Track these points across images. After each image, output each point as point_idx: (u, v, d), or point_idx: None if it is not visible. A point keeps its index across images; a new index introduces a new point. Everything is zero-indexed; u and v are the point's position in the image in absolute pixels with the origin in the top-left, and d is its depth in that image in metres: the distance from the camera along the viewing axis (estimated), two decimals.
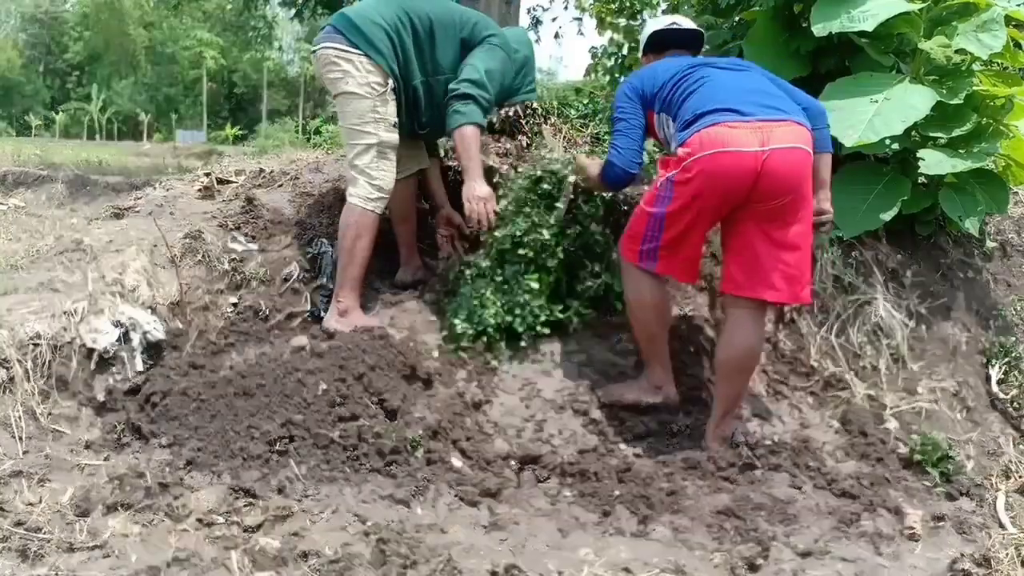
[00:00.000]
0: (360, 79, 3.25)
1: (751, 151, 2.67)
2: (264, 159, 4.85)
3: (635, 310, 3.02)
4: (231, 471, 2.62)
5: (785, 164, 2.70)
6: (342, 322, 3.27)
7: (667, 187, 2.81)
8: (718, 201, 2.78)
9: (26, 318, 2.98)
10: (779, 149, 2.67)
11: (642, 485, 2.72)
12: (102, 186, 10.53)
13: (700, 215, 2.82)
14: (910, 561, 2.45)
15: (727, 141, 2.69)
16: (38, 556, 2.09)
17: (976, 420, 3.34)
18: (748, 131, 2.69)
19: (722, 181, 2.72)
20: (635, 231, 2.95)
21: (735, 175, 2.70)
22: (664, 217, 2.83)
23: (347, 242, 3.29)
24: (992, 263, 3.96)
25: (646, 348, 3.07)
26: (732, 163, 2.68)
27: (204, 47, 43.28)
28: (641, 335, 3.06)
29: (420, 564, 2.18)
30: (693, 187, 2.75)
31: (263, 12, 14.72)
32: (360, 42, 3.24)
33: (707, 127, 2.73)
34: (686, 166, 2.74)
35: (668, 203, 2.82)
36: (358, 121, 3.29)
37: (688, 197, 2.77)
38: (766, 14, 3.85)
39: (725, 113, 2.74)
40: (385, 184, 3.31)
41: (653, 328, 3.02)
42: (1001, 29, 3.31)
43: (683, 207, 2.80)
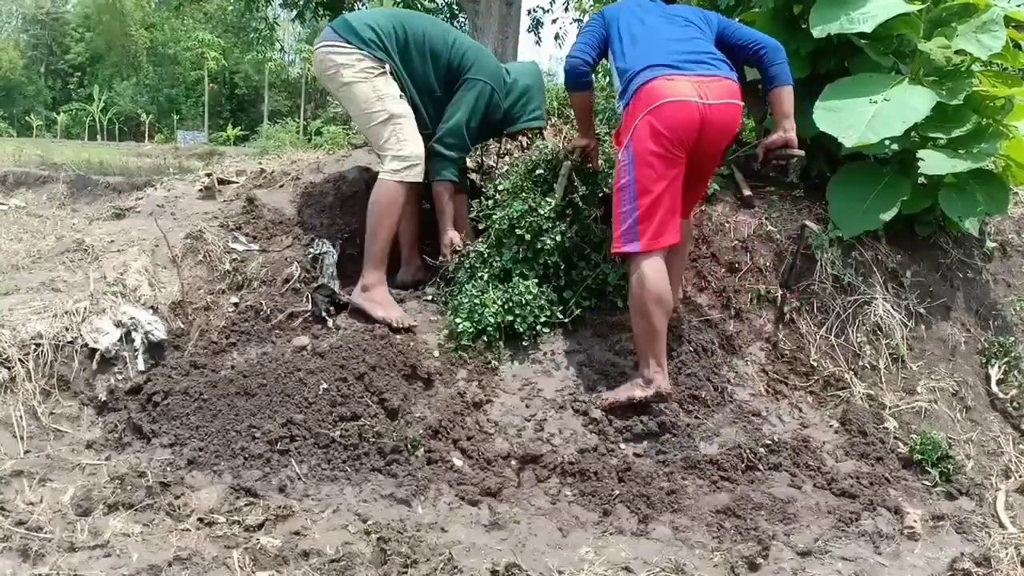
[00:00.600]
0: (354, 68, 3.37)
1: (694, 101, 2.86)
2: (265, 160, 4.86)
3: (636, 302, 2.99)
4: (232, 470, 2.62)
5: (723, 118, 2.92)
6: (363, 297, 3.37)
7: (627, 153, 2.94)
8: (674, 148, 2.89)
9: (28, 318, 2.99)
10: (717, 104, 2.89)
11: (642, 484, 2.73)
12: (103, 186, 10.53)
13: (665, 165, 2.90)
14: (910, 560, 2.46)
15: (669, 92, 2.87)
16: (39, 556, 2.10)
17: (976, 420, 3.34)
18: (686, 83, 2.88)
19: (674, 126, 2.86)
20: (616, 214, 3.03)
21: (684, 120, 2.86)
22: (634, 181, 2.92)
23: (374, 220, 3.40)
24: (992, 263, 3.97)
25: (643, 341, 3.01)
26: (678, 110, 2.86)
27: (205, 48, 43.25)
28: (638, 329, 3.01)
29: (420, 563, 2.19)
30: (649, 141, 2.87)
31: (264, 13, 14.72)
32: (352, 38, 3.37)
33: (646, 83, 2.90)
34: (636, 127, 2.89)
35: (632, 168, 2.92)
36: (364, 105, 3.39)
37: (647, 153, 2.88)
38: (765, 15, 3.86)
39: (661, 68, 2.92)
40: (410, 152, 3.39)
41: (654, 320, 2.97)
42: (1001, 30, 3.31)
43: (646, 164, 2.89)
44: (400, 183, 3.39)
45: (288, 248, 3.69)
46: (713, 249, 3.69)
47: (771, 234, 3.73)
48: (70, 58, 54.27)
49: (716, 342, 3.40)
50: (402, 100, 3.42)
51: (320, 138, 6.35)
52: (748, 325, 3.50)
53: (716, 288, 3.58)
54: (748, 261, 3.64)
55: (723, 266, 3.65)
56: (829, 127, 3.28)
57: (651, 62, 2.94)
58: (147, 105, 49.06)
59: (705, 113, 2.86)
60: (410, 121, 3.42)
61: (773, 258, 3.67)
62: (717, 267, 3.64)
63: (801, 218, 3.71)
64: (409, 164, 3.40)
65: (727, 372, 3.32)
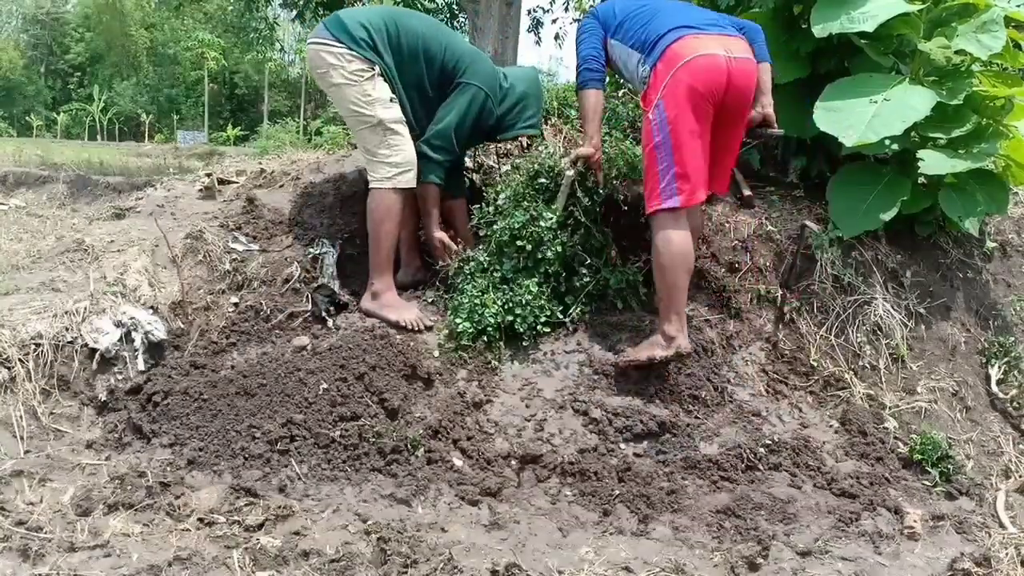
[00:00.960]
0: (344, 70, 3.34)
1: (721, 54, 2.96)
2: (265, 160, 4.86)
3: (663, 258, 3.06)
4: (232, 470, 2.63)
5: (745, 72, 3.04)
6: (374, 304, 3.40)
7: (658, 112, 2.99)
8: (706, 101, 2.97)
9: (28, 318, 2.99)
10: (739, 58, 3.01)
11: (642, 484, 2.73)
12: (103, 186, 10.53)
13: (697, 119, 2.97)
14: (910, 560, 2.46)
15: (697, 47, 2.96)
16: (39, 556, 2.10)
17: (976, 420, 3.34)
18: (711, 39, 2.99)
19: (704, 80, 2.94)
20: (651, 174, 3.07)
21: (713, 74, 2.95)
22: (668, 137, 2.97)
23: (373, 227, 3.41)
24: (992, 263, 3.97)
25: (667, 299, 3.08)
26: (708, 64, 2.95)
27: (206, 48, 43.25)
28: (664, 285, 3.08)
29: (420, 563, 2.19)
30: (681, 96, 2.94)
31: (264, 13, 14.72)
32: (342, 36, 3.34)
33: (673, 42, 2.99)
34: (666, 85, 2.95)
35: (666, 125, 2.97)
36: (353, 108, 3.37)
37: (680, 108, 2.94)
38: (765, 15, 3.86)
39: (684, 29, 3.02)
40: (401, 159, 3.38)
41: (678, 276, 3.06)
42: (1001, 30, 3.31)
43: (680, 120, 2.95)
44: (393, 189, 3.38)
45: (288, 248, 3.69)
46: (713, 249, 3.69)
47: (771, 234, 3.73)
48: (70, 58, 54.27)
49: (716, 342, 3.40)
50: (393, 104, 3.39)
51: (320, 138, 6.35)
52: (748, 325, 3.49)
53: (716, 288, 3.58)
54: (748, 261, 3.64)
55: (723, 266, 3.65)
56: (829, 127, 3.28)
57: (674, 25, 3.04)
58: (147, 105, 49.04)
59: (731, 67, 2.97)
60: (401, 126, 3.40)
61: (773, 258, 3.67)
62: (717, 267, 3.64)
63: (801, 218, 3.71)
64: (401, 170, 3.38)
65: (727, 372, 3.32)
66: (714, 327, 3.45)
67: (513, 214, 3.33)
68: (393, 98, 3.39)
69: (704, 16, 3.20)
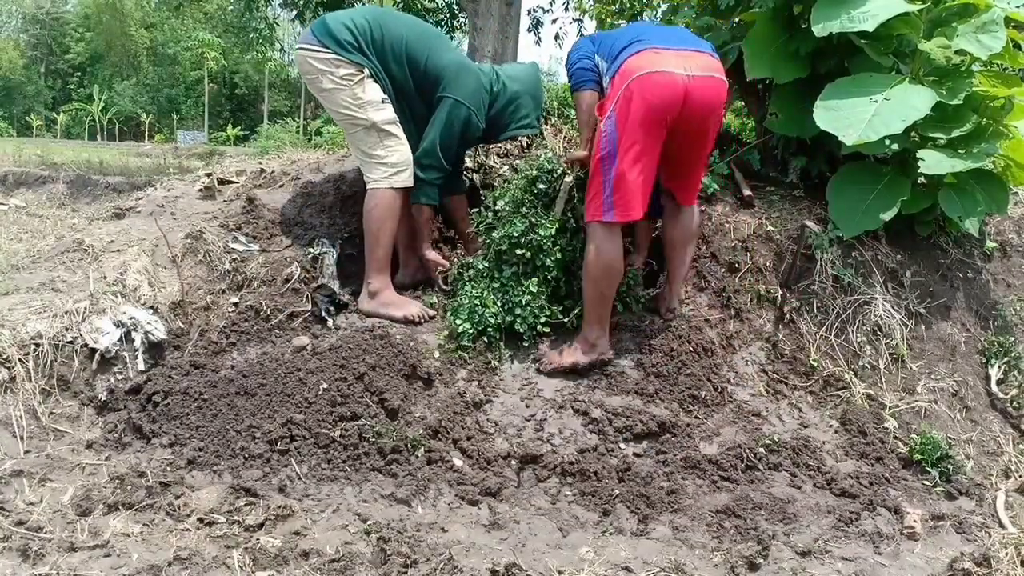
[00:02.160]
0: (332, 75, 3.34)
1: (679, 73, 2.94)
2: (265, 160, 4.86)
3: (592, 268, 3.12)
4: (232, 470, 2.62)
5: (706, 90, 3.00)
6: (375, 303, 3.41)
7: (609, 123, 3.00)
8: (657, 118, 2.96)
9: (28, 318, 2.99)
10: (700, 76, 2.98)
11: (642, 484, 2.73)
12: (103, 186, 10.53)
13: (645, 135, 2.97)
14: (910, 560, 2.46)
15: (655, 63, 2.95)
16: (39, 555, 2.10)
17: (975, 420, 3.34)
18: (672, 56, 2.98)
19: (657, 96, 2.93)
20: (594, 183, 3.09)
21: (668, 92, 2.93)
22: (615, 151, 2.98)
23: (371, 226, 3.41)
24: (992, 263, 3.97)
25: (593, 307, 3.17)
26: (664, 81, 2.93)
27: (206, 48, 43.26)
28: (591, 293, 3.16)
29: (420, 563, 2.19)
30: (633, 110, 2.93)
31: (264, 13, 14.70)
32: (327, 40, 3.33)
33: (634, 54, 2.99)
34: (620, 96, 2.96)
35: (615, 138, 2.98)
36: (345, 112, 3.38)
37: (630, 122, 2.94)
38: (765, 15, 3.86)
39: (648, 42, 3.03)
40: (396, 159, 3.38)
41: (604, 286, 3.15)
42: (1001, 30, 3.31)
43: (628, 134, 2.95)
44: (391, 189, 3.38)
45: (288, 248, 3.69)
46: (713, 249, 3.69)
47: (771, 234, 3.73)
48: (70, 58, 54.27)
49: (716, 342, 3.40)
50: (385, 105, 3.37)
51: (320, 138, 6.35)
52: (748, 325, 3.50)
53: (716, 288, 3.58)
54: (748, 261, 3.64)
55: (723, 266, 3.65)
56: (829, 126, 3.27)
57: (640, 39, 3.07)
58: (147, 105, 49.05)
59: (688, 85, 2.94)
60: (395, 127, 3.39)
61: (773, 258, 3.67)
62: (717, 267, 3.64)
63: (801, 218, 3.71)
64: (397, 170, 3.38)
65: (727, 372, 3.32)
66: (714, 327, 3.46)
67: (512, 222, 3.32)
68: (385, 99, 3.39)
69: (675, 32, 3.22)
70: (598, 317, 3.18)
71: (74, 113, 48.63)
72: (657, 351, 3.29)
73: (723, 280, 3.60)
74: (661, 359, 3.27)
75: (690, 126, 3.06)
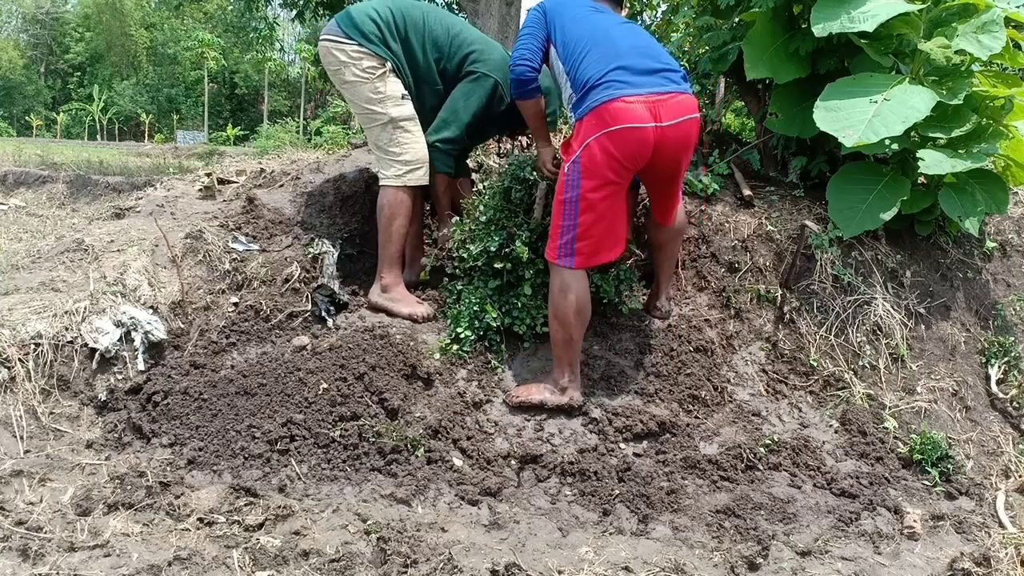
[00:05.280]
0: (355, 67, 3.36)
1: (648, 127, 2.84)
2: (265, 159, 4.86)
3: (558, 310, 2.99)
4: (232, 470, 2.62)
5: (678, 137, 2.92)
6: (384, 297, 3.44)
7: (575, 168, 2.90)
8: (623, 173, 2.90)
9: (28, 318, 2.99)
10: (672, 125, 2.88)
11: (642, 484, 2.73)
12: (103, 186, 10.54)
13: (612, 186, 2.90)
14: (909, 560, 2.46)
15: (625, 117, 2.83)
16: (39, 555, 2.10)
17: (975, 419, 3.34)
18: (642, 106, 2.84)
19: (626, 154, 2.86)
20: (555, 224, 3.00)
21: (636, 148, 2.86)
22: (578, 199, 2.90)
23: (383, 223, 3.43)
24: (992, 263, 3.97)
25: (561, 349, 3.02)
26: (633, 138, 2.84)
27: (205, 48, 43.26)
28: (558, 336, 3.02)
29: (420, 563, 2.19)
30: (598, 163, 2.86)
31: (264, 13, 14.71)
32: (352, 32, 3.35)
33: (604, 103, 2.84)
34: (588, 145, 2.86)
35: (578, 184, 2.90)
36: (366, 105, 3.40)
37: (595, 173, 2.87)
38: (766, 15, 3.86)
39: (619, 85, 2.85)
40: (411, 156, 3.39)
41: (572, 330, 2.99)
42: (1001, 30, 3.31)
43: (592, 183, 2.88)
44: (404, 187, 3.39)
45: (288, 248, 3.69)
46: (713, 249, 3.69)
47: (771, 234, 3.73)
48: (70, 58, 54.28)
49: (716, 342, 3.40)
50: (405, 101, 3.40)
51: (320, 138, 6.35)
52: (748, 325, 3.50)
53: (716, 288, 3.58)
54: (748, 261, 3.64)
55: (723, 266, 3.65)
56: (829, 127, 3.27)
57: (610, 76, 2.87)
58: (147, 105, 49.05)
59: (659, 136, 2.86)
60: (413, 123, 3.41)
61: (773, 258, 3.67)
62: (717, 267, 3.64)
63: (801, 218, 3.71)
64: (411, 168, 3.40)
65: (727, 372, 3.32)
66: (714, 327, 3.46)
67: (490, 236, 3.28)
68: (405, 95, 3.40)
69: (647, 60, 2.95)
70: (568, 361, 3.02)
71: (74, 113, 48.65)
72: (657, 351, 3.30)
73: (723, 280, 3.60)
74: (661, 359, 3.27)
75: (661, 168, 3.01)
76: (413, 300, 3.48)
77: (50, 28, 55.60)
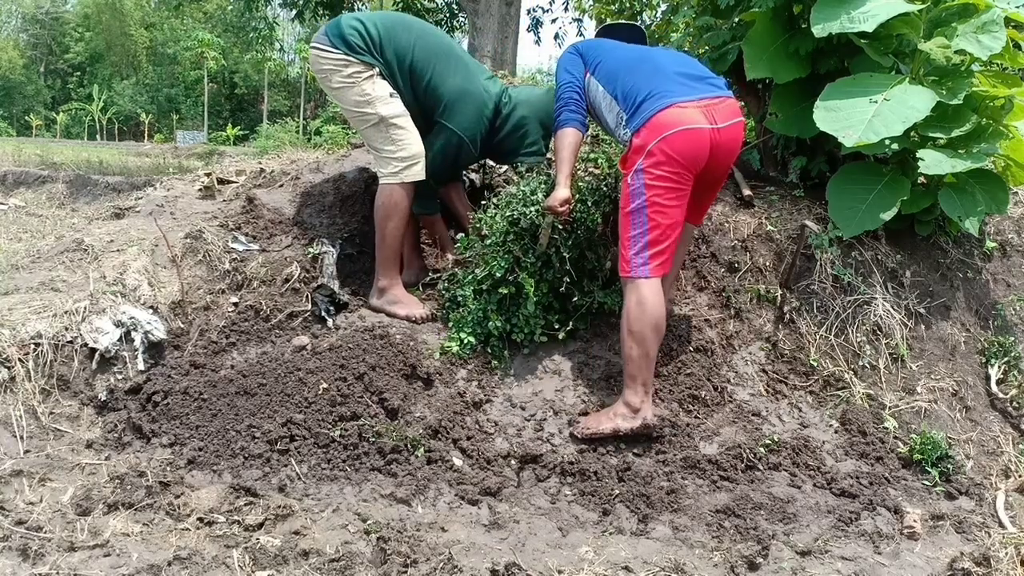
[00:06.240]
0: (342, 74, 3.37)
1: (706, 127, 2.88)
2: (265, 159, 4.86)
3: (634, 325, 2.89)
4: (232, 470, 2.63)
5: (732, 138, 2.98)
6: (381, 299, 3.46)
7: (638, 178, 2.90)
8: (685, 177, 2.90)
9: (27, 317, 2.99)
10: (726, 127, 2.94)
11: (642, 484, 2.73)
12: (103, 186, 10.55)
13: (677, 191, 2.90)
14: (909, 560, 2.46)
15: (682, 119, 2.87)
16: (39, 555, 2.10)
17: (975, 419, 3.34)
18: (696, 110, 2.89)
19: (687, 154, 2.87)
20: (624, 238, 2.97)
21: (696, 147, 2.88)
22: (644, 208, 2.90)
23: (379, 223, 3.45)
24: (991, 263, 3.97)
25: (636, 366, 2.91)
26: (692, 138, 2.87)
27: (205, 48, 43.25)
28: (634, 353, 2.90)
29: (420, 562, 2.19)
30: (662, 168, 2.86)
31: (264, 13, 14.72)
32: (337, 42, 3.37)
33: (659, 111, 2.88)
34: (650, 151, 2.87)
35: (643, 195, 2.89)
36: (355, 108, 3.40)
37: (659, 180, 2.87)
38: (765, 15, 3.86)
39: (671, 95, 2.91)
40: (406, 152, 3.39)
41: (648, 346, 2.90)
42: (1001, 30, 3.31)
43: (659, 190, 2.88)
44: (400, 184, 3.39)
45: (288, 248, 3.69)
46: (713, 249, 3.69)
47: (771, 234, 3.73)
48: (70, 58, 54.28)
49: (716, 342, 3.40)
50: (394, 99, 3.38)
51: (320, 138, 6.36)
52: (748, 325, 3.50)
53: (716, 288, 3.58)
54: (748, 261, 3.64)
55: (723, 266, 3.65)
56: (829, 127, 3.27)
57: (659, 87, 2.94)
58: (147, 105, 49.04)
59: (716, 138, 2.90)
60: (404, 119, 3.39)
61: (773, 258, 3.67)
62: (717, 267, 3.64)
63: (801, 218, 3.71)
64: (407, 164, 3.39)
65: (727, 372, 3.32)
66: (714, 327, 3.46)
67: (496, 260, 3.22)
68: (393, 93, 3.40)
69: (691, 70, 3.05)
70: (642, 379, 2.90)
71: (73, 113, 48.64)
72: None
73: (723, 280, 3.60)
74: (661, 359, 3.27)
75: (715, 172, 3.04)
76: (411, 301, 3.48)
77: (50, 28, 55.60)
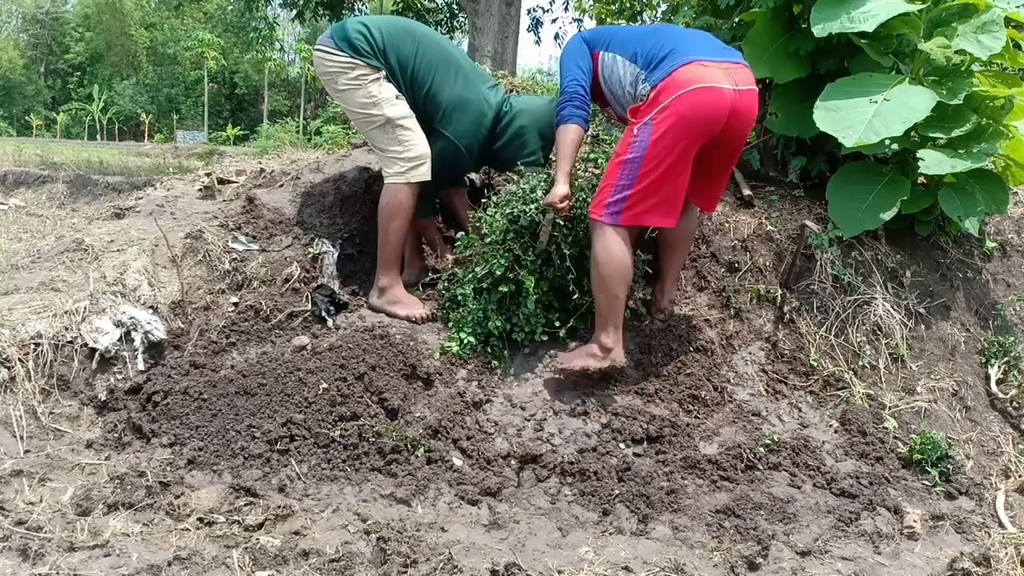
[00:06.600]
0: (348, 76, 3.38)
1: (727, 88, 2.85)
2: (265, 159, 4.86)
3: (602, 269, 2.97)
4: (232, 470, 2.63)
5: (750, 104, 2.96)
6: (381, 299, 3.46)
7: (644, 130, 2.87)
8: (699, 133, 2.86)
9: (27, 317, 2.99)
10: (746, 91, 2.93)
11: (642, 484, 2.73)
12: (103, 186, 10.54)
13: (681, 151, 2.87)
14: (909, 560, 2.46)
15: (704, 77, 2.83)
16: (39, 555, 2.10)
17: (975, 419, 3.34)
18: (719, 70, 2.87)
19: (703, 115, 2.83)
20: (605, 183, 2.98)
21: (714, 109, 2.84)
22: (643, 159, 2.87)
23: (383, 222, 3.45)
24: (991, 263, 3.97)
25: (605, 309, 3.02)
26: (711, 98, 2.83)
27: (205, 48, 43.24)
28: (602, 295, 3.01)
29: (420, 562, 2.19)
30: (674, 125, 2.82)
31: (264, 13, 14.72)
32: (343, 44, 3.37)
33: (681, 66, 2.85)
34: (665, 106, 2.83)
35: (645, 147, 2.86)
36: (361, 110, 3.41)
37: (667, 137, 2.83)
38: (766, 15, 3.86)
39: (694, 53, 2.89)
40: (413, 153, 3.40)
41: (616, 288, 2.99)
42: (1001, 30, 3.31)
43: (662, 146, 2.84)
44: (406, 184, 3.40)
45: (288, 248, 3.69)
46: (713, 249, 3.69)
47: (771, 234, 3.73)
48: (70, 58, 54.28)
49: (716, 342, 3.40)
50: (399, 100, 3.40)
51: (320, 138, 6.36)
52: (748, 325, 3.50)
53: (716, 288, 3.58)
54: (748, 261, 3.64)
55: (723, 266, 3.65)
56: (829, 127, 3.27)
57: (682, 45, 2.93)
58: (147, 105, 49.04)
59: (735, 100, 2.87)
60: (410, 120, 3.40)
61: (773, 258, 3.67)
62: (717, 267, 3.64)
63: (801, 218, 3.71)
64: (413, 165, 3.39)
65: (727, 372, 3.32)
66: (714, 327, 3.45)
67: (496, 258, 3.21)
68: (399, 95, 3.41)
69: (708, 40, 3.08)
70: (612, 321, 3.02)
71: (74, 113, 48.63)
72: (657, 351, 3.30)
73: (723, 280, 3.60)
74: (661, 359, 3.27)
75: (730, 140, 3.00)
76: (411, 301, 3.48)
77: (50, 28, 55.59)
